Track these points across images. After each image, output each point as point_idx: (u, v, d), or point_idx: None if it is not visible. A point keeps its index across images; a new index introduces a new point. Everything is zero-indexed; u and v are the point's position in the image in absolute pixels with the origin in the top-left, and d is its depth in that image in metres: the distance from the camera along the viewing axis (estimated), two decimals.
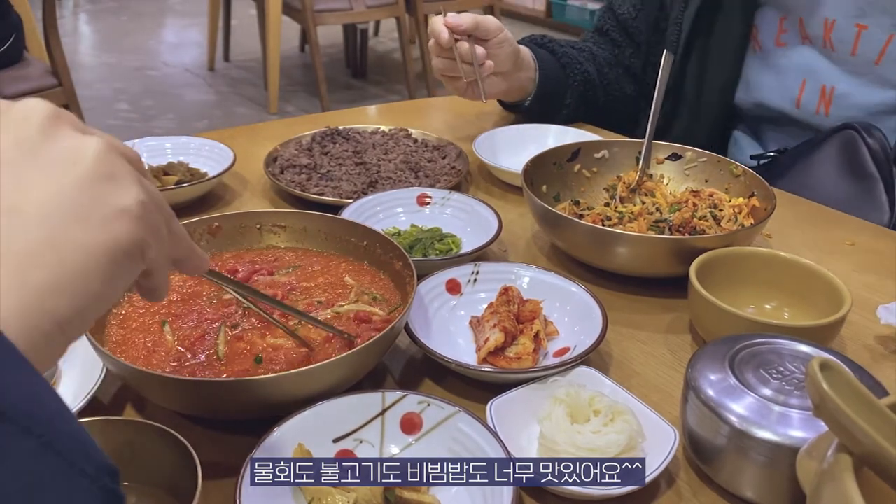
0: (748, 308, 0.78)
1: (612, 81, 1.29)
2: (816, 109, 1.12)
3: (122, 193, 0.38)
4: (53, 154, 0.37)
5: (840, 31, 1.08)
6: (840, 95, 1.10)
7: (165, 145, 1.12)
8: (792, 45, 1.14)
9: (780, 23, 1.14)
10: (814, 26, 1.10)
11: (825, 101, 1.11)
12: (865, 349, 0.76)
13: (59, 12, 3.98)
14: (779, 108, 1.17)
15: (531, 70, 1.20)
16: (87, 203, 0.36)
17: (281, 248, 0.82)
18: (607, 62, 1.30)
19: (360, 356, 0.62)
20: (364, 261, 0.79)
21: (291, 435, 0.57)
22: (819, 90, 1.11)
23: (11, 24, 2.30)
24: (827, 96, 1.10)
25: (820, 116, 1.12)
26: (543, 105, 1.22)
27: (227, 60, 4.63)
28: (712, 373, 0.59)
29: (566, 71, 1.23)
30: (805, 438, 0.51)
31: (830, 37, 1.08)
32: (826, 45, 1.09)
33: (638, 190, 0.99)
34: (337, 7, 3.70)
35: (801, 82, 1.13)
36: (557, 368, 0.66)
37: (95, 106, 3.75)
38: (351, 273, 0.78)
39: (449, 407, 0.60)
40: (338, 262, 0.80)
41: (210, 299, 0.73)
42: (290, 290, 0.75)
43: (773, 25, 1.15)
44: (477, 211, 0.95)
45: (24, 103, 0.38)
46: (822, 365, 0.41)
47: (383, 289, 0.75)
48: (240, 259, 0.80)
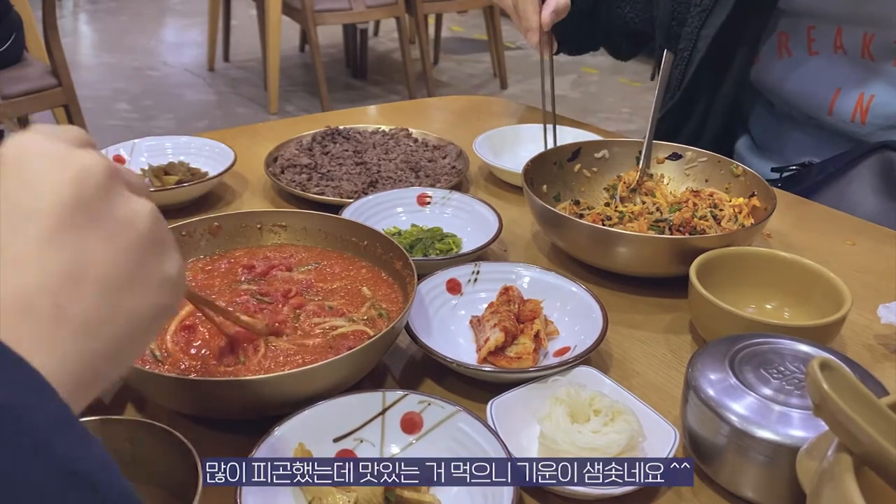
0: (748, 308, 0.78)
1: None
2: (852, 117, 1.10)
3: (167, 262, 0.40)
4: (112, 219, 0.37)
5: (878, 46, 1.06)
6: (878, 104, 1.08)
7: (166, 145, 1.12)
8: (825, 54, 1.11)
9: (807, 31, 1.12)
10: (851, 38, 1.08)
11: (862, 109, 1.09)
12: (865, 349, 0.76)
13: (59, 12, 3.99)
14: (808, 114, 1.14)
15: None
16: (139, 272, 0.38)
17: (298, 244, 0.82)
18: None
19: (361, 356, 0.62)
20: (374, 265, 0.79)
21: (291, 435, 0.57)
22: (856, 98, 1.09)
23: (11, 23, 2.30)
24: (864, 104, 1.09)
25: (856, 124, 1.10)
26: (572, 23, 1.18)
27: (227, 60, 4.62)
28: (712, 372, 0.59)
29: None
30: (805, 438, 0.52)
31: (870, 49, 1.06)
32: (865, 55, 1.07)
33: (638, 190, 0.99)
34: (337, 7, 3.70)
35: (836, 90, 1.11)
36: (557, 368, 0.66)
37: (95, 106, 3.75)
38: (369, 282, 0.77)
39: (449, 406, 0.60)
40: (357, 267, 0.79)
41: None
42: (306, 288, 0.75)
43: (801, 34, 1.13)
44: (477, 211, 0.95)
45: (83, 158, 0.36)
46: (822, 365, 0.41)
47: (395, 302, 0.74)
48: (253, 255, 0.80)
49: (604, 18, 1.27)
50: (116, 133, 3.45)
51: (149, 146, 1.11)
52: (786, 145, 1.19)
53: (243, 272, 0.77)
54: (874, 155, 1.04)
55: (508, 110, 1.38)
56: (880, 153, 1.03)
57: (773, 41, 1.16)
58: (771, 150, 1.21)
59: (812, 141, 1.17)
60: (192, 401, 0.62)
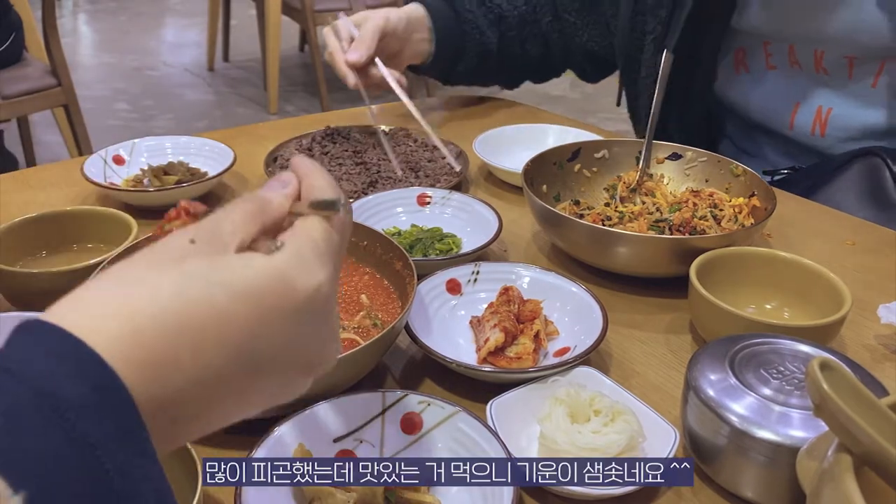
0: (748, 308, 0.78)
1: (515, 42, 1.29)
2: (812, 130, 1.11)
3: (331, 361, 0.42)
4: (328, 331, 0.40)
5: (830, 61, 1.07)
6: (836, 116, 1.09)
7: (165, 145, 1.12)
8: (782, 69, 1.13)
9: (764, 46, 1.13)
10: (804, 54, 1.09)
11: (821, 122, 1.10)
12: (865, 349, 0.76)
13: (59, 12, 3.99)
14: (771, 128, 1.16)
15: (424, 31, 1.22)
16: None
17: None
18: (521, 18, 1.29)
19: (360, 356, 0.62)
20: (377, 272, 0.78)
21: (291, 435, 0.57)
22: (814, 111, 1.10)
23: (11, 23, 2.30)
24: (823, 117, 1.10)
25: (816, 137, 1.11)
26: (435, 72, 1.28)
27: (227, 60, 4.62)
28: (712, 373, 0.59)
29: (464, 39, 1.25)
30: (805, 438, 0.51)
31: (823, 65, 1.08)
32: (820, 70, 1.08)
33: (638, 190, 0.99)
34: (337, 7, 3.69)
35: (795, 104, 1.12)
36: (557, 368, 0.66)
37: (95, 106, 3.75)
38: (370, 289, 0.77)
39: (449, 407, 0.60)
40: (360, 274, 0.79)
41: None
42: None
43: (758, 49, 1.14)
44: (477, 211, 0.95)
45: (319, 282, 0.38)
46: (822, 365, 0.41)
47: (393, 313, 0.73)
48: None
49: (514, 54, 1.31)
50: (116, 133, 3.44)
51: (148, 146, 1.11)
52: (767, 155, 1.20)
53: None
54: (859, 161, 1.04)
55: (508, 110, 1.38)
56: (865, 159, 1.04)
57: (730, 58, 1.18)
58: (753, 155, 1.22)
59: (786, 150, 1.18)
60: None
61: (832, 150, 1.10)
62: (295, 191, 0.42)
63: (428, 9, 1.23)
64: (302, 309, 0.36)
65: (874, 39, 1.01)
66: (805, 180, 1.09)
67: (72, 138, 2.54)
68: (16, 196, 1.03)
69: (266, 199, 0.41)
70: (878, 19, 1.00)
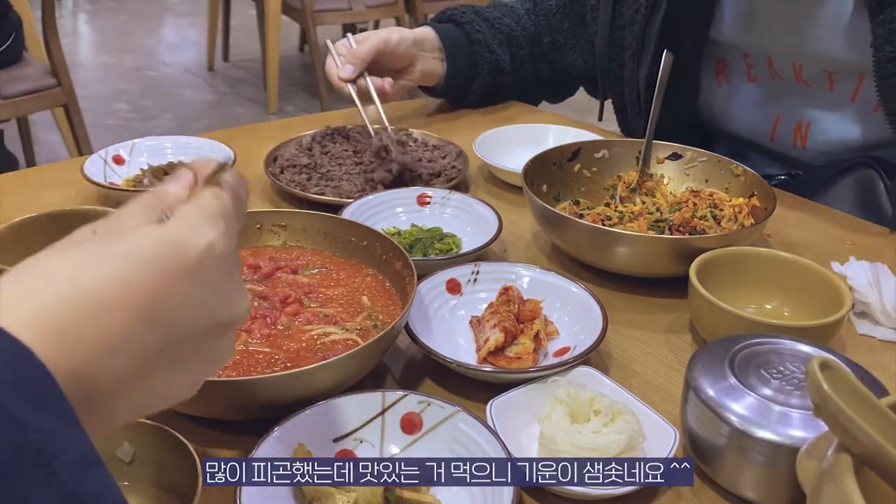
0: (748, 308, 0.78)
1: (527, 60, 1.34)
2: (793, 143, 1.11)
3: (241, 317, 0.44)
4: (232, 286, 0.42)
5: (810, 73, 1.07)
6: (817, 129, 1.09)
7: (165, 145, 1.12)
8: (763, 80, 1.13)
9: (744, 58, 1.13)
10: (783, 66, 1.09)
11: (801, 135, 1.10)
12: (865, 349, 0.76)
13: (59, 12, 3.98)
14: (754, 141, 1.16)
15: (434, 50, 1.26)
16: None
17: (306, 248, 0.82)
18: (531, 38, 1.33)
19: (360, 356, 0.62)
20: (379, 273, 0.78)
21: (291, 435, 0.57)
22: (795, 124, 1.10)
23: (10, 23, 2.30)
24: (804, 130, 1.10)
25: (798, 150, 1.11)
26: (452, 92, 1.32)
27: (227, 60, 4.62)
28: (712, 373, 0.59)
29: (476, 59, 1.28)
30: (805, 438, 0.51)
31: (802, 77, 1.07)
32: (801, 82, 1.08)
33: (638, 190, 0.99)
34: (336, 7, 3.70)
35: (776, 116, 1.12)
36: (557, 368, 0.66)
37: (95, 106, 3.75)
38: (371, 291, 0.76)
39: (449, 407, 0.60)
40: (362, 275, 0.78)
41: None
42: (307, 293, 0.74)
43: (739, 61, 1.14)
44: (477, 211, 0.95)
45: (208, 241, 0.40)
46: (822, 365, 0.41)
47: (394, 315, 0.73)
48: (259, 255, 0.80)
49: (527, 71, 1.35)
50: (116, 133, 3.44)
51: (148, 146, 1.11)
52: (756, 167, 1.20)
53: (249, 272, 0.77)
54: (852, 173, 1.04)
55: (508, 110, 1.38)
56: (859, 171, 1.04)
57: (712, 70, 1.18)
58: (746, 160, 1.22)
59: (773, 162, 1.18)
60: (192, 401, 0.62)
61: (815, 162, 1.10)
62: (190, 182, 0.45)
63: (437, 31, 1.27)
64: (196, 266, 0.39)
65: (849, 56, 1.00)
66: (798, 190, 1.09)
67: (71, 138, 2.54)
68: (16, 196, 1.03)
69: (162, 190, 0.43)
70: (843, 39, 0.99)
